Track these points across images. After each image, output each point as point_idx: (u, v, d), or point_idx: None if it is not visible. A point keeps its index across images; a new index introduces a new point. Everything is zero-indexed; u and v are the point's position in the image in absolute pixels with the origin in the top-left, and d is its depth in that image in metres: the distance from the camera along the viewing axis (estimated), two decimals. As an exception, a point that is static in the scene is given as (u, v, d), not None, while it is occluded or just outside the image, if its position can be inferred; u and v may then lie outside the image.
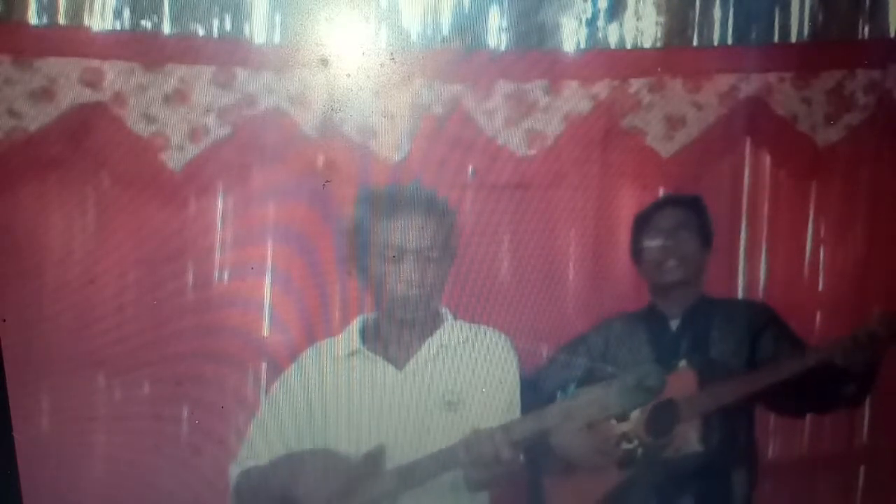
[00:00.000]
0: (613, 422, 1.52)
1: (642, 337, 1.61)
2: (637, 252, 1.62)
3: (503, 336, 1.51)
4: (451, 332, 1.49)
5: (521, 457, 1.42)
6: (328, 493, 1.43)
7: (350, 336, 1.49)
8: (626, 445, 1.53)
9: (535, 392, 1.52)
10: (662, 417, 1.54)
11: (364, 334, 1.49)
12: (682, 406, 1.55)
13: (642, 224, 1.62)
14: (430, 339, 1.48)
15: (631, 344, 1.61)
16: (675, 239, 1.59)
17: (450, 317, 1.50)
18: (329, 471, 1.44)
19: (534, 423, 1.42)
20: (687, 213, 1.60)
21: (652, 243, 1.61)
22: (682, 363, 1.58)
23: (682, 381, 1.57)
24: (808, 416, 1.69)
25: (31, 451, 1.51)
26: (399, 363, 1.48)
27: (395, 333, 1.48)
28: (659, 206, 1.63)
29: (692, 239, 1.60)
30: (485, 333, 1.51)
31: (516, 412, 1.48)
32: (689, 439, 1.56)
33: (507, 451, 1.36)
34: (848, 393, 1.59)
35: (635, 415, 1.52)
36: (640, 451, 1.53)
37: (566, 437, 1.50)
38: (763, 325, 1.61)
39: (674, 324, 1.61)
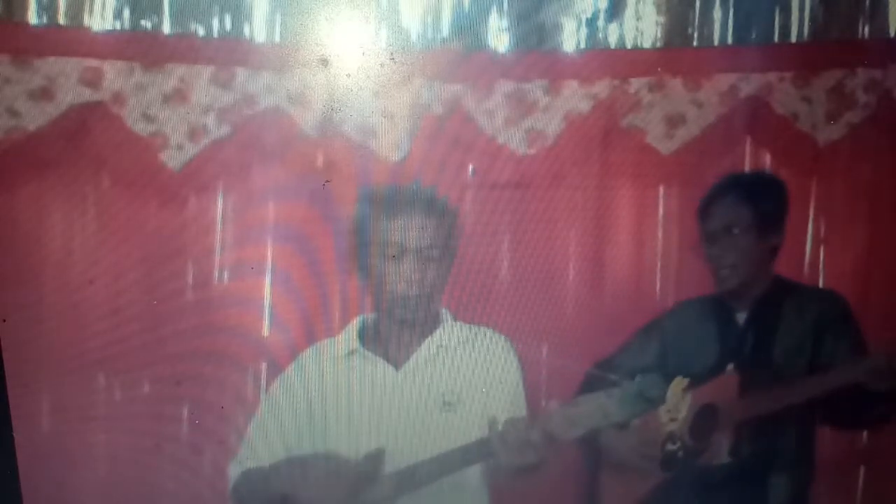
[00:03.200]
0: (664, 420, 1.51)
1: (710, 329, 1.58)
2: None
3: (503, 338, 1.51)
4: (451, 332, 1.49)
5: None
6: (328, 498, 1.43)
7: (349, 336, 1.49)
8: (670, 446, 1.52)
9: (609, 373, 1.51)
10: (704, 422, 1.53)
11: (363, 334, 1.49)
12: (722, 412, 1.54)
13: (699, 218, 1.59)
14: (428, 339, 1.48)
15: (698, 334, 1.58)
16: (722, 245, 1.56)
17: (449, 317, 1.50)
18: (329, 475, 1.44)
19: (539, 427, 1.41)
20: (734, 207, 1.56)
21: (705, 249, 1.58)
22: (730, 367, 1.56)
23: (726, 386, 1.55)
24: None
25: (31, 451, 1.50)
26: (398, 363, 1.48)
27: (394, 333, 1.48)
28: (708, 201, 1.59)
29: (743, 235, 1.56)
30: (484, 334, 1.51)
31: (520, 412, 1.48)
32: (720, 449, 1.55)
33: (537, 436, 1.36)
34: (878, 412, 1.58)
35: (682, 415, 1.51)
36: (680, 454, 1.53)
37: (611, 435, 1.49)
38: (831, 319, 1.57)
39: (741, 317, 1.58)
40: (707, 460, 1.54)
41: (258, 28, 1.48)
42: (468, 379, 1.48)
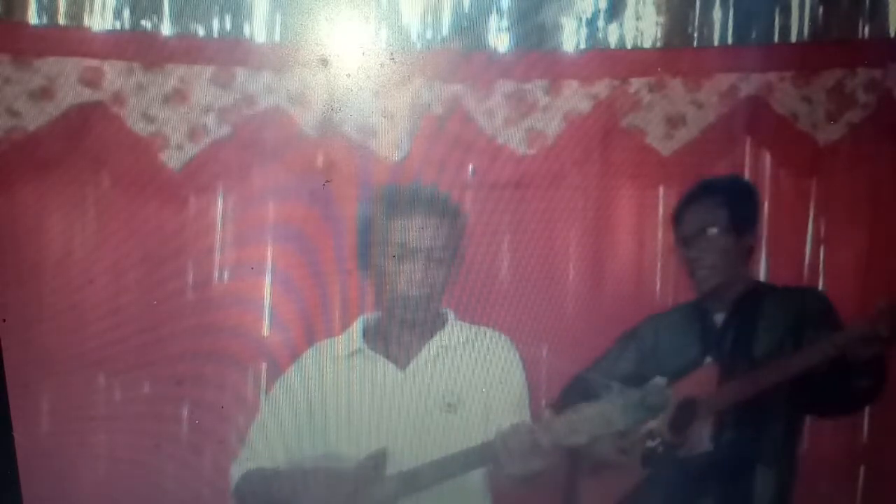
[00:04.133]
0: None
1: (689, 333, 1.59)
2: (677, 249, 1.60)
3: (505, 338, 1.51)
4: (453, 333, 1.49)
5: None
6: (330, 499, 1.43)
7: (352, 335, 1.49)
8: (650, 443, 1.52)
9: (584, 386, 1.51)
10: (683, 415, 1.53)
11: (366, 334, 1.48)
12: (701, 404, 1.54)
13: (674, 221, 1.59)
14: (431, 339, 1.48)
15: (677, 340, 1.59)
16: (700, 247, 1.55)
17: (451, 318, 1.50)
18: (331, 476, 1.44)
19: (542, 434, 1.41)
20: (709, 209, 1.56)
21: (680, 252, 1.58)
22: (708, 359, 1.56)
23: (705, 378, 1.55)
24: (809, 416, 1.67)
25: (31, 451, 1.50)
26: (400, 363, 1.48)
27: (397, 333, 1.48)
28: (683, 204, 1.58)
29: (721, 236, 1.55)
30: (486, 335, 1.50)
31: (523, 414, 1.47)
32: (701, 438, 1.55)
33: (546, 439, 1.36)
34: (861, 387, 1.57)
35: (662, 413, 1.51)
36: (660, 448, 1.53)
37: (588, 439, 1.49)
38: (812, 315, 1.57)
39: (718, 318, 1.58)
40: (687, 451, 1.54)
41: (258, 28, 1.48)
42: (469, 380, 1.48)
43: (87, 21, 1.45)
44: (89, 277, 1.51)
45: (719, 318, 1.58)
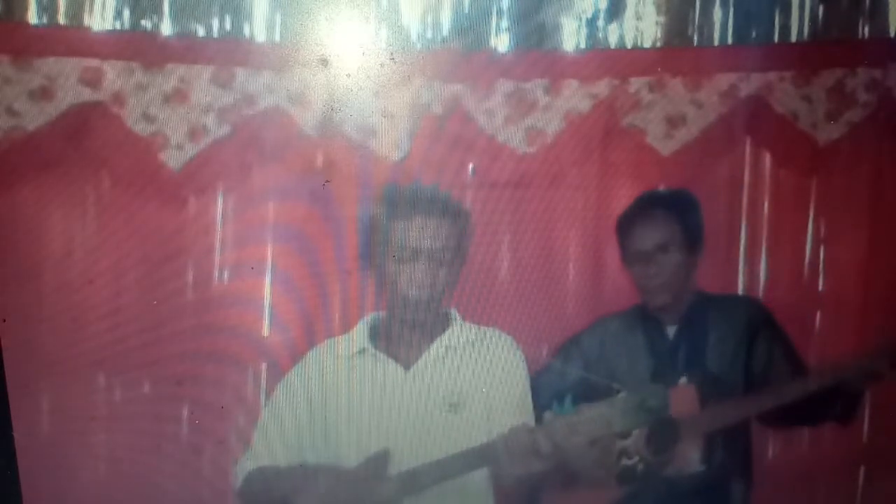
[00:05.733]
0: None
1: (639, 343, 1.59)
2: (624, 262, 1.60)
3: (509, 338, 1.51)
4: (459, 333, 1.49)
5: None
6: (332, 499, 1.43)
7: (359, 335, 1.49)
8: (626, 461, 1.52)
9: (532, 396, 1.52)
10: (663, 435, 1.53)
11: (373, 334, 1.49)
12: (683, 425, 1.54)
13: (623, 234, 1.59)
14: (436, 340, 1.48)
15: (627, 349, 1.59)
16: (657, 264, 1.56)
17: (458, 318, 1.50)
18: (334, 479, 1.44)
19: (542, 435, 1.40)
20: (665, 225, 1.57)
21: (632, 268, 1.59)
22: (683, 379, 1.57)
23: (683, 398, 1.56)
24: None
25: (31, 451, 1.50)
26: (406, 363, 1.48)
27: (401, 334, 1.48)
28: (633, 217, 1.59)
29: (675, 253, 1.57)
30: (490, 336, 1.51)
31: (527, 415, 1.47)
32: (690, 459, 1.55)
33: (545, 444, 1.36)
34: (839, 410, 1.60)
35: (636, 430, 1.51)
36: (640, 467, 1.52)
37: (568, 451, 1.49)
38: (757, 326, 1.59)
39: (671, 330, 1.59)
40: (675, 471, 1.55)
41: (258, 28, 1.48)
42: (473, 381, 1.48)
43: (87, 21, 1.44)
44: (89, 277, 1.51)
45: (671, 330, 1.59)
